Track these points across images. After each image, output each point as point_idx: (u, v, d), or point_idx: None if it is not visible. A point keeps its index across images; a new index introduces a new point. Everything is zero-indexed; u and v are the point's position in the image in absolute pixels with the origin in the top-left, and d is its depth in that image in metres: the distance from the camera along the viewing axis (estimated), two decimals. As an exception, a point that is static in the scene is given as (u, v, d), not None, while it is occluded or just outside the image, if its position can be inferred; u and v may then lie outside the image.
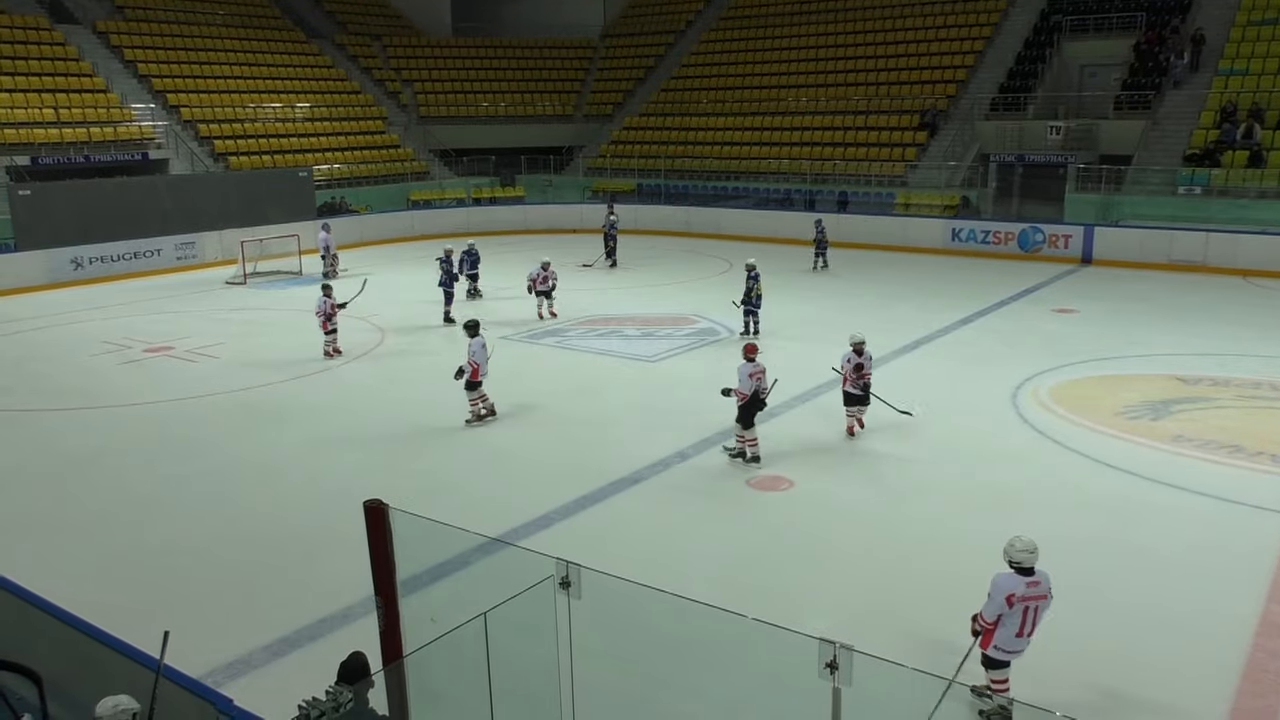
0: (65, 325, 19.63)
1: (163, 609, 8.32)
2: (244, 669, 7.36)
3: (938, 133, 32.05)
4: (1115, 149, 28.43)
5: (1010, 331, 17.82)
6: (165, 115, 32.43)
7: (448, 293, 19.48)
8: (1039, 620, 6.30)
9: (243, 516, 10.28)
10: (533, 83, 42.27)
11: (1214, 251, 23.52)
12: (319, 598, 8.31)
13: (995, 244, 26.59)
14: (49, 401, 14.45)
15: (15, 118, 28.82)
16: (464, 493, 10.77)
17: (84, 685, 6.03)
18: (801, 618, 7.53)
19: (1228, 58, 28.26)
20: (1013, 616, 6.24)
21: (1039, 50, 32.21)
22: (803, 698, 4.13)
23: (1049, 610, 6.39)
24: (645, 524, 9.91)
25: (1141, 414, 12.92)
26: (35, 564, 8.65)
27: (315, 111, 36.42)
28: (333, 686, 4.47)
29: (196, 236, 26.70)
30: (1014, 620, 6.23)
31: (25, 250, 23.79)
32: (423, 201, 34.60)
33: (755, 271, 17.75)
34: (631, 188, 36.05)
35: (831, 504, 10.41)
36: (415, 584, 6.31)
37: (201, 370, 16.01)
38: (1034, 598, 6.21)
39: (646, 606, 5.46)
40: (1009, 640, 6.30)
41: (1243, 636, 7.57)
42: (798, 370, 15.19)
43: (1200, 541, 9.33)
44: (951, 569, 8.81)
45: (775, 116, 36.06)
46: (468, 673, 4.67)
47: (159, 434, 12.91)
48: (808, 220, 30.01)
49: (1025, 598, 6.20)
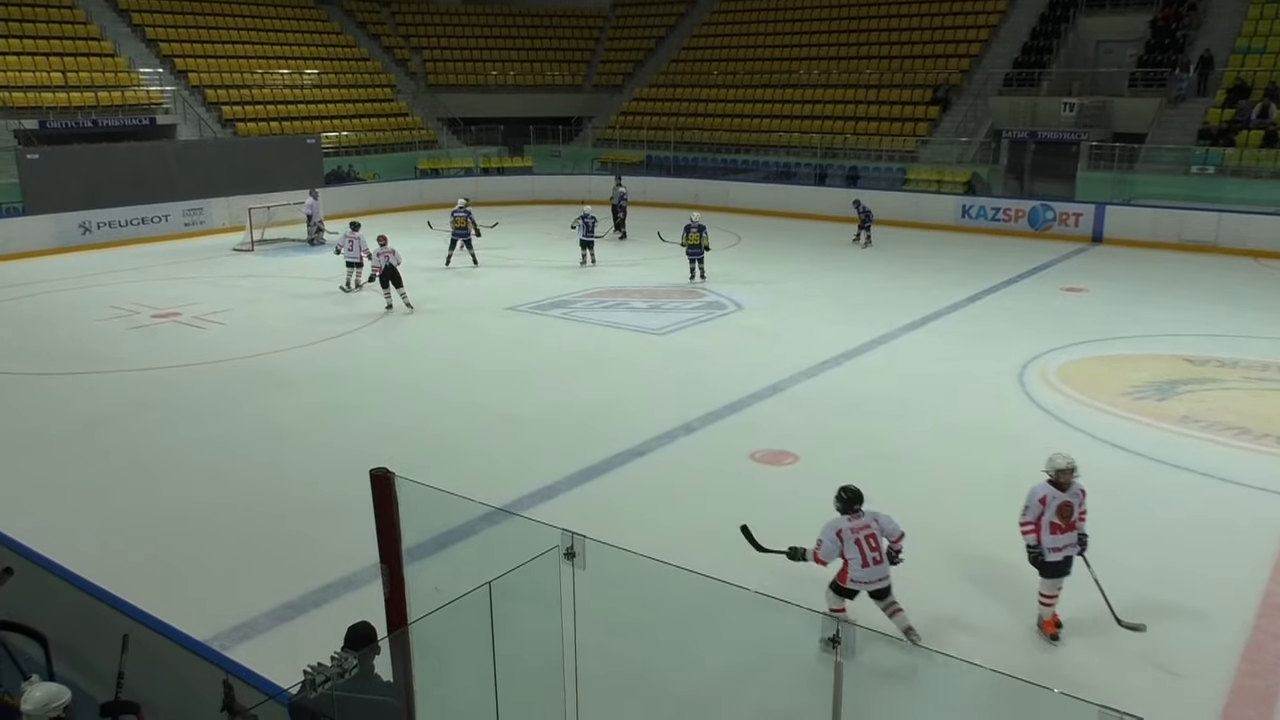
0: (73, 290, 19.65)
1: (168, 572, 8.39)
2: (249, 633, 7.42)
3: (950, 108, 31.80)
4: (1129, 126, 28.18)
5: (1019, 309, 17.76)
6: (173, 80, 32.30)
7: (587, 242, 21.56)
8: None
9: (249, 482, 10.33)
10: (542, 52, 41.98)
11: (1225, 232, 23.36)
12: (324, 564, 8.36)
13: (1005, 221, 26.44)
14: (57, 365, 14.49)
15: (23, 81, 28.72)
16: (470, 462, 10.80)
17: (90, 646, 6.09)
18: (804, 592, 7.55)
19: (1245, 35, 27.95)
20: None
21: (1054, 25, 31.86)
22: (804, 671, 4.15)
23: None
24: (650, 496, 9.93)
25: (1148, 394, 12.89)
26: (42, 527, 8.70)
27: (323, 78, 36.24)
28: (338, 652, 4.51)
29: (204, 203, 26.66)
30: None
31: (34, 214, 23.78)
32: (430, 170, 34.48)
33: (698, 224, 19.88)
34: (640, 159, 35.88)
35: (835, 479, 10.36)
36: (420, 552, 6.34)
37: (209, 336, 16.04)
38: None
39: (650, 578, 5.48)
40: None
41: (1243, 617, 7.59)
42: (804, 344, 15.19)
43: (1204, 522, 9.34)
44: (954, 547, 8.83)
45: (786, 89, 35.79)
46: (472, 641, 4.69)
47: (166, 399, 12.95)
48: (817, 194, 29.95)
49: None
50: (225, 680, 4.94)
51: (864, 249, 23.95)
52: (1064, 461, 7.34)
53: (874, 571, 7.10)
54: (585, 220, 21.69)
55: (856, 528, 7.13)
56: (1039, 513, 7.33)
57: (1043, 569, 7.35)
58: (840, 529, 7.15)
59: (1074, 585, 7.77)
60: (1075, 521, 7.35)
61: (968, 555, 8.70)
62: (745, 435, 11.47)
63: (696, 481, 10.32)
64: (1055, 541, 7.30)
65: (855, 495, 7.28)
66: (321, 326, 16.53)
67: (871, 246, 24.00)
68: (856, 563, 7.09)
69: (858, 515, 7.20)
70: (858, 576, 7.14)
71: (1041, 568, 7.35)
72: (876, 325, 16.32)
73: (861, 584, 7.16)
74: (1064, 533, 7.32)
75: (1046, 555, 7.28)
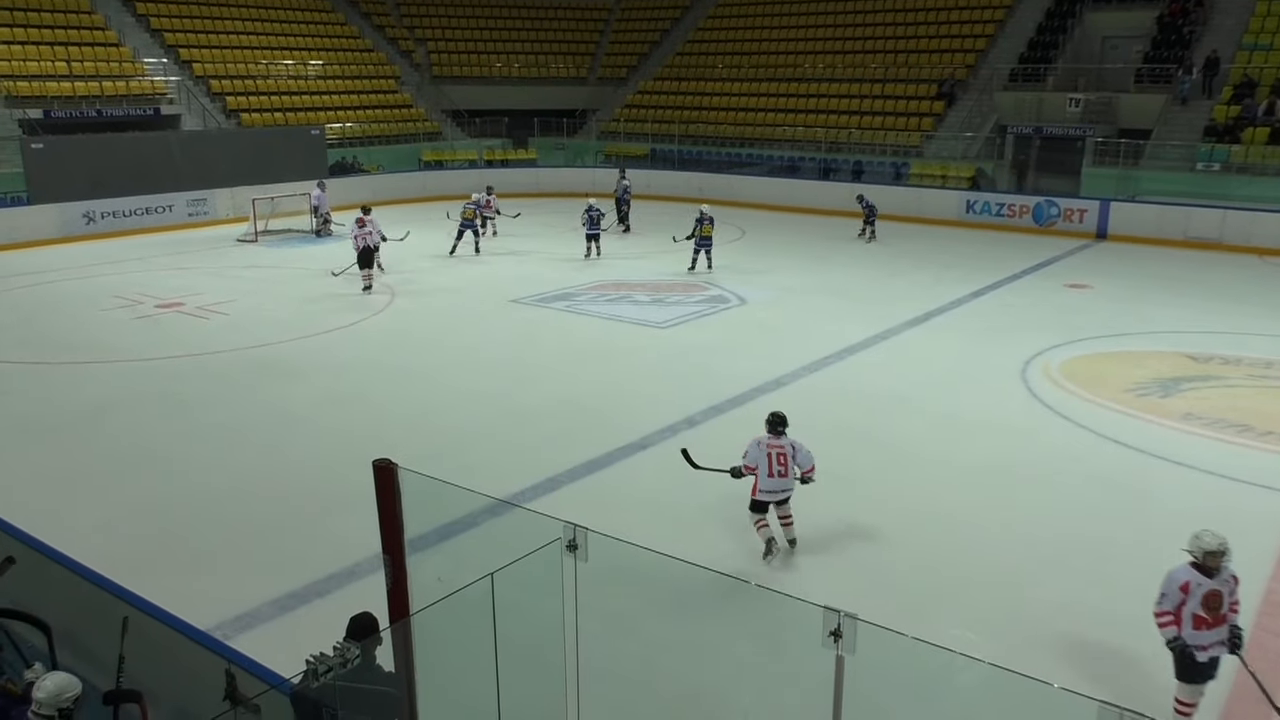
0: (78, 279, 19.67)
1: (171, 561, 8.41)
2: (252, 622, 7.44)
3: (955, 103, 31.74)
4: (1135, 123, 28.10)
5: (1022, 306, 17.74)
6: (178, 71, 32.28)
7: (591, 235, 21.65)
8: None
9: (252, 472, 10.35)
10: (547, 44, 41.92)
11: (1230, 229, 23.30)
12: (327, 554, 8.38)
13: (1010, 216, 26.38)
14: (61, 355, 14.51)
15: (28, 70, 28.72)
16: (473, 454, 10.81)
17: (93, 635, 6.11)
18: (805, 586, 7.57)
19: (1252, 32, 27.86)
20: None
21: (1060, 20, 31.78)
22: (805, 664, 4.15)
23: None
24: (652, 489, 9.94)
25: (1151, 391, 12.88)
26: (46, 516, 8.72)
27: (328, 70, 36.21)
28: (340, 642, 4.52)
29: (208, 193, 26.65)
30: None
31: (38, 204, 23.80)
32: (434, 162, 34.46)
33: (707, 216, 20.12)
34: (645, 152, 35.83)
35: (837, 474, 10.41)
36: (423, 543, 6.35)
37: (213, 326, 16.06)
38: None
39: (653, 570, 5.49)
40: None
41: (1245, 614, 7.57)
42: (807, 339, 15.19)
43: (1206, 519, 9.26)
44: (957, 540, 8.84)
45: (791, 83, 35.73)
46: (474, 632, 4.71)
47: (170, 389, 12.97)
48: (821, 188, 29.89)
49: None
50: (228, 669, 4.96)
51: (868, 244, 23.93)
52: (1213, 542, 6.19)
53: (777, 483, 8.42)
54: (591, 213, 21.71)
55: (773, 444, 8.44)
56: (1179, 601, 6.14)
57: (1182, 669, 6.16)
58: (761, 441, 8.50)
59: (1069, 590, 7.77)
60: (1225, 614, 6.15)
61: (969, 551, 8.70)
62: (748, 429, 11.40)
63: (699, 475, 10.30)
64: (1200, 638, 6.10)
65: (780, 419, 8.59)
66: (324, 317, 16.54)
67: (876, 241, 23.97)
68: (764, 472, 8.34)
69: (778, 436, 8.50)
70: (765, 486, 8.39)
71: (1181, 667, 6.16)
72: (880, 320, 16.31)
73: (767, 493, 8.42)
74: (1211, 628, 6.12)
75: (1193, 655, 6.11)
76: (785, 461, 8.37)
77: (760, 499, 8.44)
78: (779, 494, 8.47)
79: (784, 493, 8.48)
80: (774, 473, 8.36)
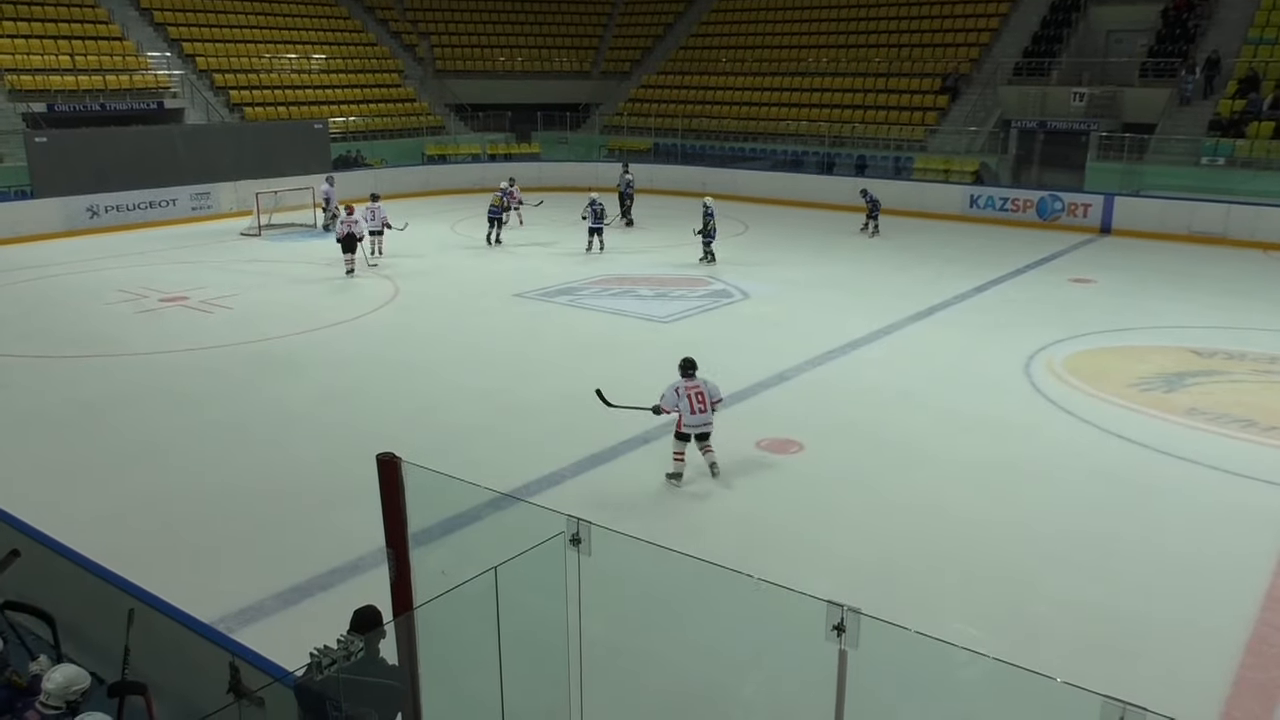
0: (81, 273, 19.70)
1: (175, 555, 8.43)
2: (256, 616, 7.46)
3: (959, 97, 31.67)
4: (1139, 117, 28.03)
5: (1025, 300, 17.72)
6: (181, 64, 32.27)
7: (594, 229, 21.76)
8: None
9: (256, 466, 10.37)
10: (550, 38, 41.86)
11: (1235, 224, 23.26)
12: (331, 548, 8.39)
13: (1014, 211, 26.35)
14: (65, 348, 14.53)
15: (32, 64, 28.73)
16: (476, 448, 10.82)
17: (97, 627, 6.12)
18: (808, 580, 7.57)
19: (1257, 26, 27.77)
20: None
21: (1065, 14, 31.68)
22: (808, 659, 4.15)
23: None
24: (656, 483, 9.94)
25: (1155, 386, 12.86)
26: (50, 509, 8.74)
27: (331, 63, 36.19)
28: (344, 635, 4.53)
29: (212, 187, 26.67)
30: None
31: (42, 198, 23.82)
32: (438, 156, 34.44)
33: (710, 209, 20.34)
34: (648, 146, 35.80)
35: (840, 468, 10.43)
36: (426, 537, 6.35)
37: (216, 320, 16.07)
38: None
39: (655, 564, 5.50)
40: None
41: (1247, 610, 7.59)
42: (810, 333, 15.18)
43: (1209, 514, 9.33)
44: (960, 536, 8.84)
45: (794, 77, 35.66)
46: (477, 626, 4.72)
47: (174, 383, 12.98)
48: (825, 182, 29.86)
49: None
50: (232, 662, 4.97)
51: (871, 238, 23.90)
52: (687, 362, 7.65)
53: (698, 418, 9.74)
54: (594, 207, 21.71)
55: (689, 386, 9.76)
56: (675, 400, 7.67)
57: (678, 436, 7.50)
58: (677, 386, 9.79)
59: (1072, 585, 7.78)
60: None
61: (972, 545, 8.70)
62: (751, 423, 11.47)
63: (702, 469, 10.32)
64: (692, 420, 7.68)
65: (690, 363, 9.99)
66: (328, 312, 16.55)
67: (879, 236, 23.94)
68: (686, 410, 9.70)
69: (691, 378, 9.84)
70: (688, 422, 9.75)
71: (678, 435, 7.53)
72: (883, 315, 16.30)
73: (690, 428, 9.76)
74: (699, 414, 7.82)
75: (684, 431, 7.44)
76: (703, 399, 9.74)
77: (685, 432, 9.79)
78: (700, 427, 9.79)
79: (705, 426, 9.79)
80: (695, 409, 9.72)
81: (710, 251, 20.57)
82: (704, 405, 9.72)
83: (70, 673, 4.83)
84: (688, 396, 9.71)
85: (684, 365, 9.97)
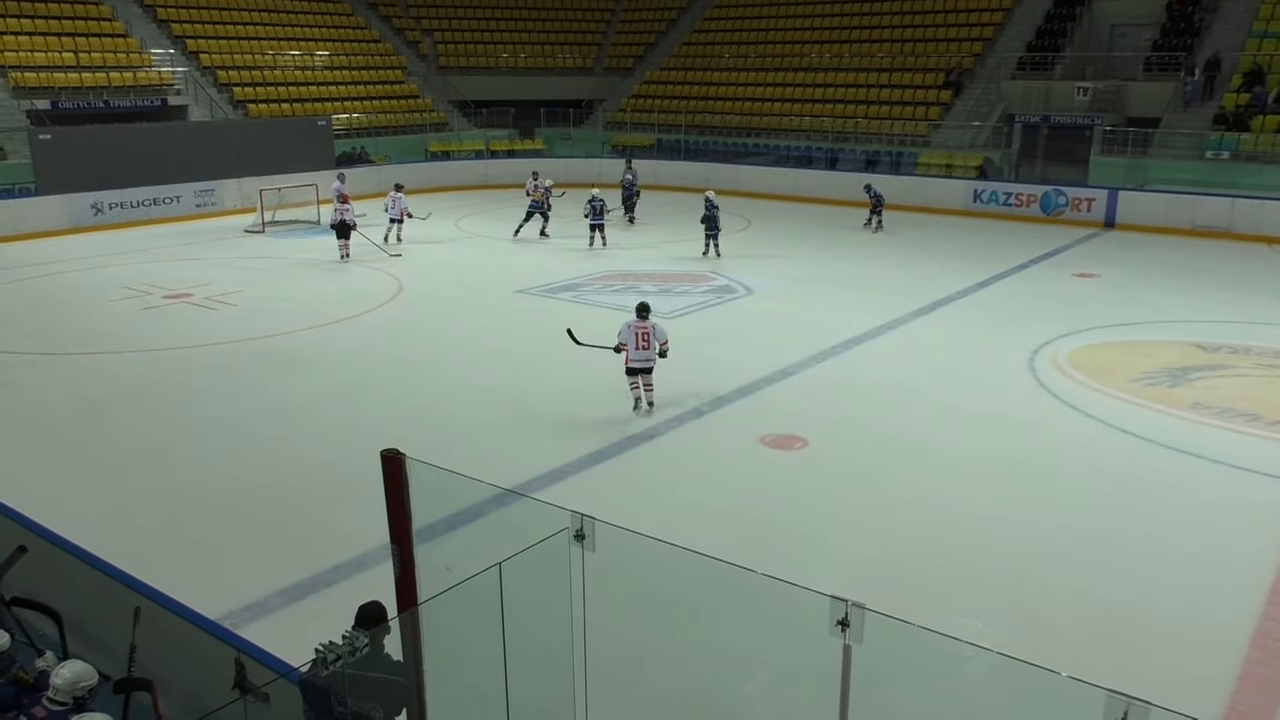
0: (86, 270, 19.73)
1: (181, 551, 8.45)
2: (261, 612, 7.47)
3: (962, 92, 31.60)
4: (1143, 111, 27.98)
5: (1030, 295, 17.70)
6: (185, 61, 32.30)
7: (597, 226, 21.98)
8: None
9: (261, 463, 10.38)
10: (553, 34, 41.83)
11: (1239, 218, 23.21)
12: (335, 544, 8.41)
13: (1017, 206, 26.31)
14: (70, 345, 14.56)
15: (35, 61, 28.76)
16: (480, 444, 10.83)
17: (103, 624, 6.14)
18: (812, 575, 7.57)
19: (1261, 20, 27.68)
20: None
21: (1069, 8, 31.59)
22: (813, 654, 4.16)
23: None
24: (659, 479, 9.95)
25: (1160, 380, 12.84)
26: (56, 505, 8.76)
27: (334, 60, 36.19)
28: (349, 631, 4.54)
29: (216, 184, 26.69)
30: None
31: (46, 195, 23.86)
32: (441, 153, 34.44)
33: (714, 201, 20.61)
34: (651, 142, 35.77)
35: (844, 464, 10.43)
36: (431, 533, 6.36)
37: (221, 317, 16.09)
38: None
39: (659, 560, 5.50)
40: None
41: (1252, 604, 7.58)
42: (814, 329, 15.17)
43: (1214, 509, 9.32)
44: (964, 531, 8.84)
45: (797, 72, 35.62)
46: (481, 622, 4.72)
47: (179, 380, 13.01)
48: (828, 178, 29.84)
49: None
50: (237, 658, 4.98)
51: (874, 234, 23.88)
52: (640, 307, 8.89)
53: (642, 354, 11.33)
54: (594, 203, 21.70)
55: (638, 326, 11.35)
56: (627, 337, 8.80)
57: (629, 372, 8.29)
58: (629, 324, 11.44)
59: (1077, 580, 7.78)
60: None
61: (976, 540, 8.70)
62: (755, 419, 11.48)
63: (706, 465, 10.33)
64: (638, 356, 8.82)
65: (644, 307, 11.61)
66: (332, 308, 16.56)
67: (882, 231, 23.92)
68: (633, 347, 11.30)
69: (643, 320, 11.41)
70: (634, 358, 11.34)
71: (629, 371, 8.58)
72: (887, 310, 16.29)
73: (635, 363, 11.35)
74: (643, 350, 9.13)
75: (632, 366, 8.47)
76: (648, 338, 11.31)
77: (632, 367, 11.40)
78: (644, 363, 11.36)
79: (647, 362, 11.37)
80: (639, 346, 11.32)
81: (714, 245, 20.59)
82: (648, 344, 11.27)
83: (78, 669, 4.84)
84: (635, 334, 11.31)
85: (639, 308, 11.60)
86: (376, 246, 21.08)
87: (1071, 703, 3.90)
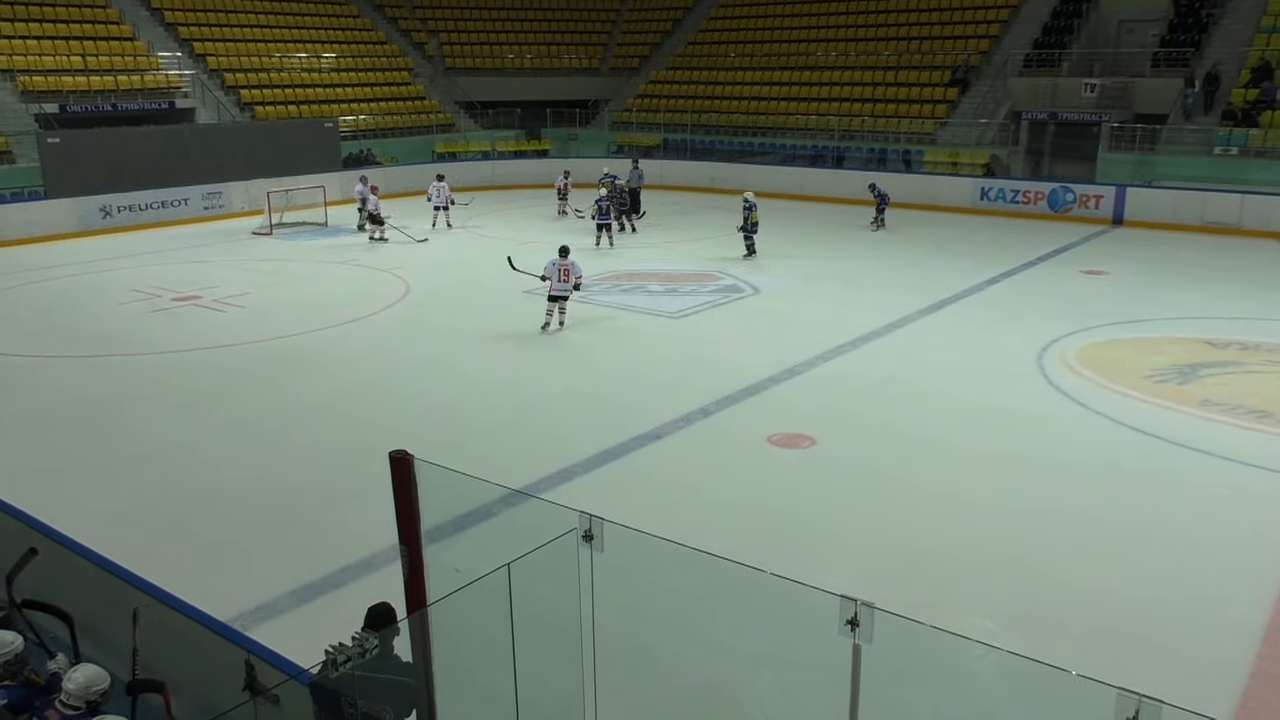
0: (95, 273, 19.80)
1: (191, 553, 8.47)
2: (270, 613, 7.49)
3: (969, 89, 31.53)
4: (1151, 108, 27.86)
5: (1038, 292, 17.65)
6: (192, 64, 32.38)
7: None
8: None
9: (270, 464, 10.41)
10: (559, 35, 41.84)
11: (1249, 214, 23.12)
12: (344, 545, 8.43)
13: (1025, 204, 26.25)
14: (79, 348, 14.62)
15: (44, 65, 28.86)
16: (488, 445, 10.84)
17: (115, 626, 6.16)
18: (820, 575, 7.56)
19: (1270, 14, 27.56)
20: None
21: (1075, 5, 31.49)
22: (822, 654, 4.15)
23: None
24: (667, 479, 9.95)
25: (1169, 377, 12.80)
26: (66, 507, 8.80)
27: (341, 62, 36.26)
28: (358, 633, 4.55)
29: (223, 186, 26.76)
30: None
31: (55, 198, 23.92)
32: (448, 154, 34.48)
33: (751, 202, 20.71)
34: (657, 142, 35.77)
35: (852, 462, 10.42)
36: (439, 534, 6.37)
37: (229, 319, 16.14)
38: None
39: (667, 560, 5.50)
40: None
41: (1263, 601, 7.55)
42: (821, 328, 15.16)
43: (1224, 506, 9.29)
44: (974, 528, 8.82)
45: (803, 71, 35.58)
46: (490, 622, 4.72)
47: (187, 382, 13.05)
48: (834, 176, 29.80)
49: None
50: (247, 660, 4.99)
51: (875, 232, 23.82)
52: None
53: (561, 286, 14.83)
54: (600, 203, 21.71)
55: (561, 263, 14.80)
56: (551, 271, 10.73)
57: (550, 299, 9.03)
58: (553, 261, 14.87)
59: (1087, 577, 7.75)
60: None
61: (986, 538, 8.68)
62: (762, 418, 11.47)
63: (714, 464, 10.33)
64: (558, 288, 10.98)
65: (565, 249, 15.02)
66: (340, 309, 16.60)
67: (886, 230, 23.86)
68: (555, 279, 14.78)
69: (564, 258, 14.84)
70: (555, 288, 14.84)
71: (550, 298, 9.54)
72: (894, 309, 16.26)
73: (556, 291, 14.84)
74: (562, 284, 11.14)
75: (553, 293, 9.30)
76: (566, 274, 14.80)
77: (553, 294, 14.88)
78: (562, 292, 14.85)
79: (564, 292, 14.87)
80: (560, 279, 14.79)
81: (751, 246, 20.80)
82: (566, 278, 14.78)
83: (91, 673, 4.86)
84: (558, 269, 14.75)
85: (561, 249, 15.02)
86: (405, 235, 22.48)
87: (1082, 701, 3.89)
